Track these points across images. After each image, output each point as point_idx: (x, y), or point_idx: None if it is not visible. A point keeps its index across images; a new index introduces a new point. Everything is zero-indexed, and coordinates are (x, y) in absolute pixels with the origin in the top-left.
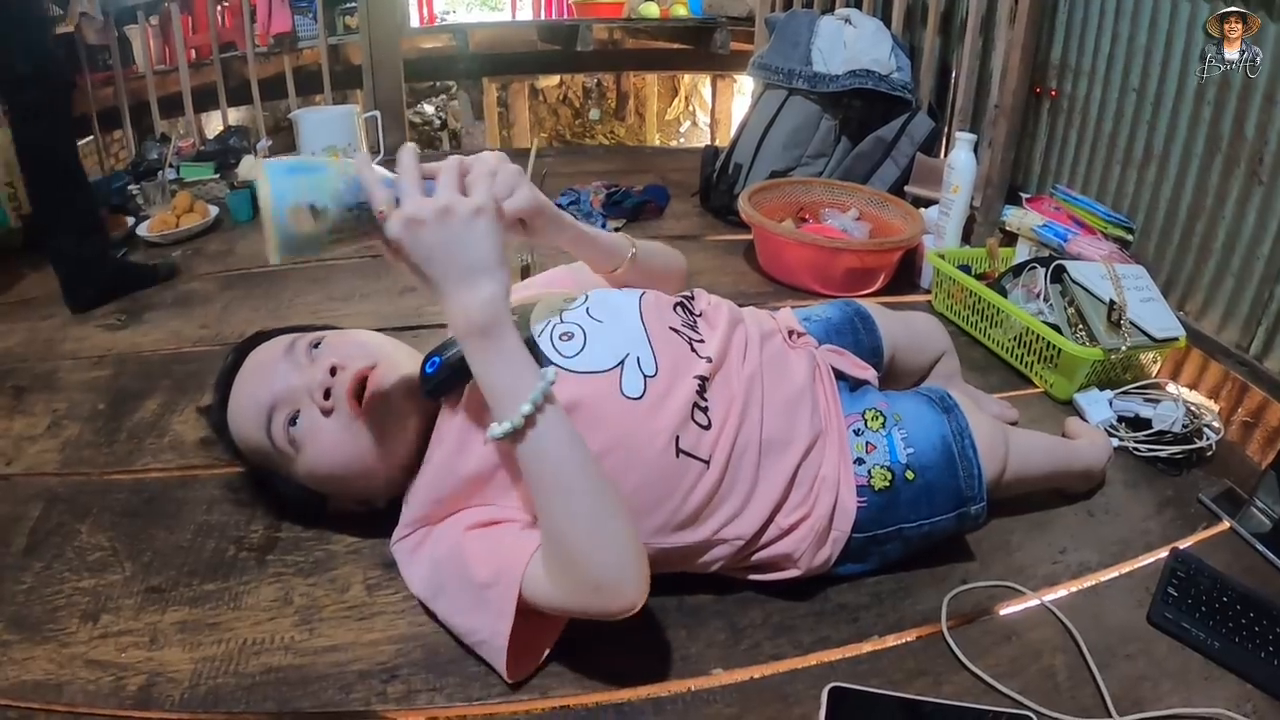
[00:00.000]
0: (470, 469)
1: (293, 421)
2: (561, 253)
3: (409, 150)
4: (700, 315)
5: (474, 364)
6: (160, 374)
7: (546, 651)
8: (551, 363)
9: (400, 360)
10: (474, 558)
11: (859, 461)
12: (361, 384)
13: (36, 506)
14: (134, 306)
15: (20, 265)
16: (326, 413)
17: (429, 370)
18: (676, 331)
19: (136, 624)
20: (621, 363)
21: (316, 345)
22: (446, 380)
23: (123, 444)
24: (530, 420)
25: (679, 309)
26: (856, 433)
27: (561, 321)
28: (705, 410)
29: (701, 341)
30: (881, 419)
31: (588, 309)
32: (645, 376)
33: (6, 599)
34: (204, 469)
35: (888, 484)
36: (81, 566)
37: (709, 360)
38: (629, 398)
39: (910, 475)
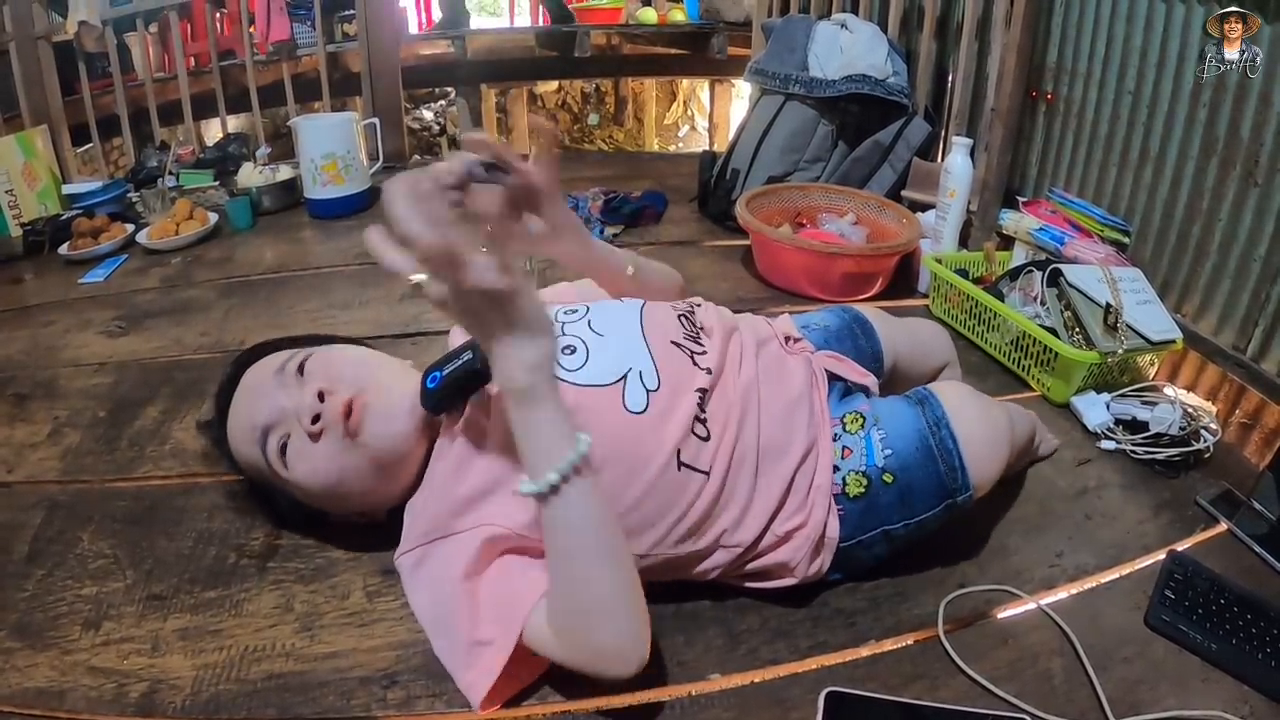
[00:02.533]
0: (470, 487)
1: (284, 445)
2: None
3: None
4: (702, 328)
5: (512, 422)
6: (161, 381)
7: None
8: (557, 377)
9: (390, 381)
10: (472, 612)
11: (835, 469)
12: (349, 411)
13: (38, 514)
14: (134, 314)
15: (21, 272)
16: (315, 437)
17: (430, 385)
18: (678, 345)
19: (138, 631)
20: (624, 377)
21: (303, 364)
22: (448, 396)
23: (124, 451)
24: (555, 489)
25: (684, 320)
26: (834, 437)
27: (563, 335)
28: (704, 422)
29: (703, 353)
30: (861, 420)
31: (589, 322)
32: (648, 391)
33: (9, 606)
34: (205, 476)
35: (863, 490)
36: (83, 574)
37: (709, 372)
38: (632, 412)
39: (888, 478)
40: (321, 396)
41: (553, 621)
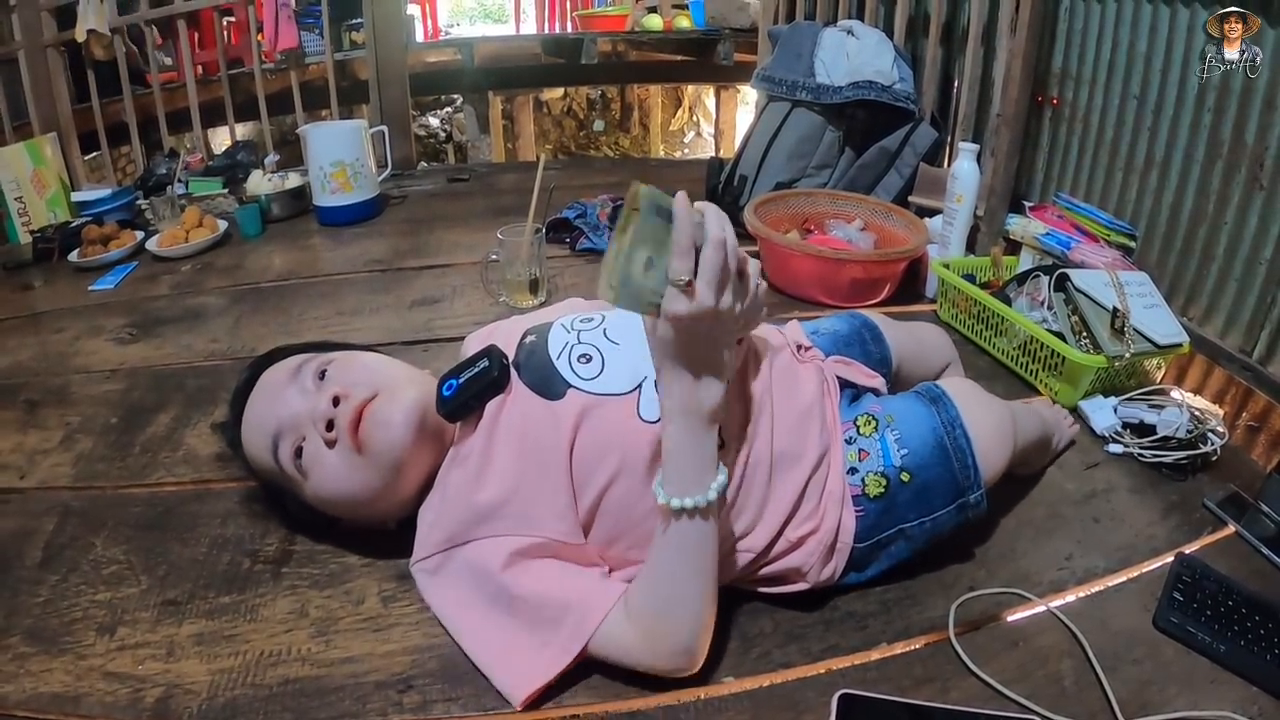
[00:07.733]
0: (490, 495)
1: (299, 449)
2: (568, 266)
3: (716, 240)
4: None
5: (677, 438)
6: (172, 387)
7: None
8: (570, 385)
9: (405, 387)
10: (526, 614)
11: (852, 470)
12: (359, 421)
13: (51, 520)
14: (144, 321)
15: (30, 279)
16: (330, 444)
17: (446, 393)
18: None
19: (153, 636)
20: (639, 386)
21: (325, 370)
22: (465, 404)
23: (136, 457)
24: (703, 508)
25: None
26: (849, 441)
27: (579, 343)
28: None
29: None
30: (874, 423)
31: (605, 330)
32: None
33: (23, 612)
34: (218, 482)
35: (882, 490)
36: (97, 579)
37: None
38: (647, 421)
39: (906, 477)
40: (336, 401)
41: (642, 622)
